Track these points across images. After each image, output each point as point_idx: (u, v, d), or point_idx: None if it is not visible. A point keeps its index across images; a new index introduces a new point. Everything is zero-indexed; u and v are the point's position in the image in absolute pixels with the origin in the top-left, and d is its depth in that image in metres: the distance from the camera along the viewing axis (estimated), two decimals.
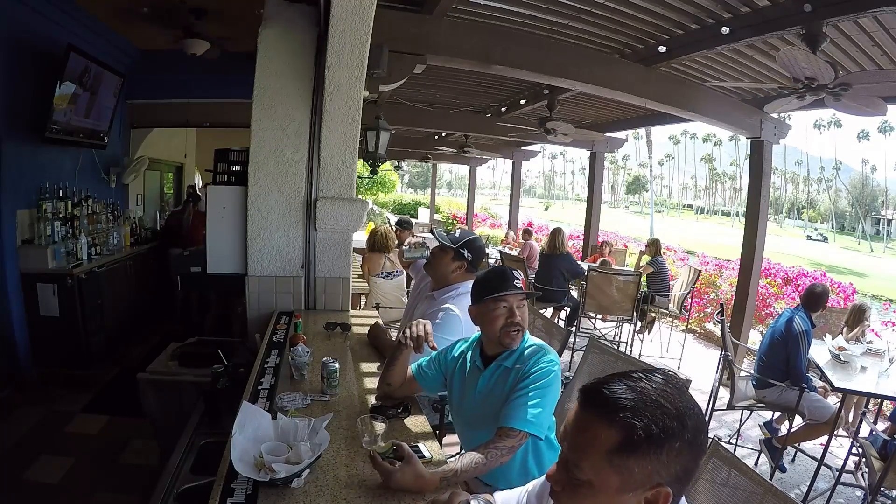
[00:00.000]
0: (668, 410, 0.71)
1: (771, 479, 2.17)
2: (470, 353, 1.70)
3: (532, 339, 1.62)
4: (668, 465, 0.71)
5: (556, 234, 5.51)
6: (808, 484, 2.93)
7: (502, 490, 1.20)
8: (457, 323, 2.02)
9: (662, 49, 3.78)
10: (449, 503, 1.02)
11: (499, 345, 1.59)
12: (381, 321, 2.64)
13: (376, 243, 4.29)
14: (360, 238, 4.79)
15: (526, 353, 1.56)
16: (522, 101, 5.93)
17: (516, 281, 1.60)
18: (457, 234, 2.23)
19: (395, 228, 5.37)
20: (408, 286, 4.14)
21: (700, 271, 6.09)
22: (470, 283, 2.15)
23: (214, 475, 1.27)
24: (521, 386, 1.46)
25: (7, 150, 3.45)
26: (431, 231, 2.35)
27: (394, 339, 2.22)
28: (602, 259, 6.09)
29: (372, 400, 1.75)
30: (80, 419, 3.28)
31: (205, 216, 3.22)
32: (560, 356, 2.30)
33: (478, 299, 1.61)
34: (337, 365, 1.76)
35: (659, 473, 0.72)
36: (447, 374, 1.74)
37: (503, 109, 6.68)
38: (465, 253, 2.17)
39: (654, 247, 6.01)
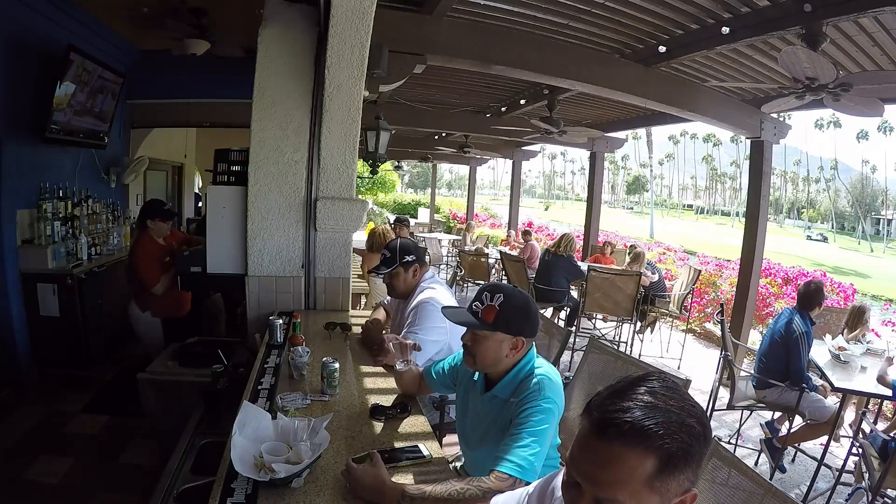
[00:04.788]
0: (690, 423, 0.72)
1: (771, 479, 2.18)
2: None
3: (539, 371, 1.45)
4: (697, 469, 0.74)
5: (565, 238, 5.50)
6: (808, 484, 2.93)
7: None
8: (432, 309, 2.11)
9: (662, 49, 3.78)
10: None
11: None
12: (380, 316, 2.63)
13: (376, 243, 4.28)
14: (360, 238, 4.79)
15: (524, 386, 1.43)
16: (522, 101, 5.93)
17: (478, 304, 1.45)
18: (387, 254, 2.33)
19: (392, 227, 5.37)
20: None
21: (700, 271, 6.08)
22: (428, 272, 2.37)
23: (214, 475, 1.27)
24: (517, 422, 1.36)
25: (7, 150, 3.45)
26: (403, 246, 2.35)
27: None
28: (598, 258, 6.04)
29: (372, 400, 1.76)
30: (80, 419, 3.28)
31: (155, 250, 3.05)
32: (560, 356, 2.33)
33: None
34: (337, 365, 1.77)
35: (690, 480, 0.74)
36: (457, 379, 1.71)
37: (503, 109, 6.69)
38: (409, 258, 2.30)
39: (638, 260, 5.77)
